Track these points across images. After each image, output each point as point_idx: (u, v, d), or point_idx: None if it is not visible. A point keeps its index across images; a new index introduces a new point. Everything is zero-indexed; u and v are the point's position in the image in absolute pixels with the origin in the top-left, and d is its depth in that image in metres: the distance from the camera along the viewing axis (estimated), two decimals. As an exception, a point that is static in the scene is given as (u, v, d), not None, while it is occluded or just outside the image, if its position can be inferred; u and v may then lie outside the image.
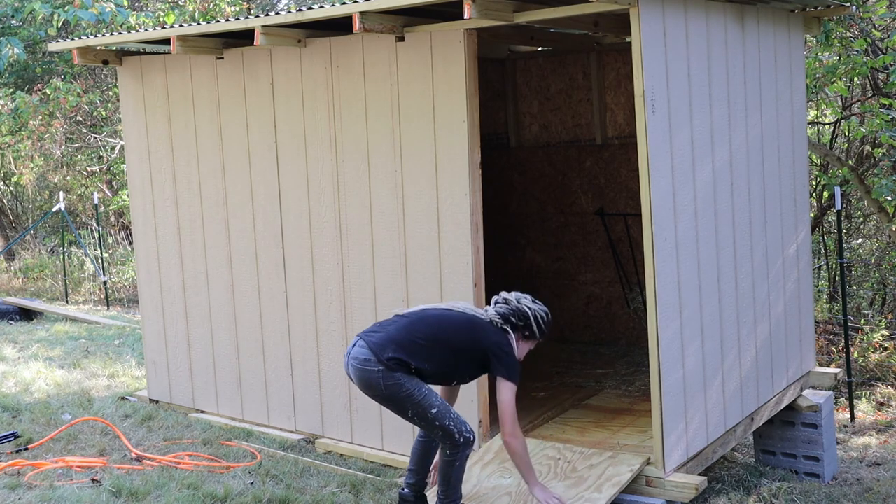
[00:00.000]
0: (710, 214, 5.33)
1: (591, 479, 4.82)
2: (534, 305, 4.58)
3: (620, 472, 4.85)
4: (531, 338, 4.59)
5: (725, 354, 5.49)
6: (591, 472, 4.89)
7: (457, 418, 4.47)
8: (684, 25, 5.07)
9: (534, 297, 4.67)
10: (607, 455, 5.04)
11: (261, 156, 6.35)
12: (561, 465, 5.02)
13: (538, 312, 4.56)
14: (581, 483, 4.81)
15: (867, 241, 12.57)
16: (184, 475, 5.62)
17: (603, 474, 4.85)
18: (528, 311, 4.53)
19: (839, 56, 9.04)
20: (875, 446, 7.09)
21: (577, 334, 8.29)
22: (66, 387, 7.94)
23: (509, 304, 4.57)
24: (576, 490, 4.75)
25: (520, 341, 4.56)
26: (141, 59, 6.99)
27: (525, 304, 4.56)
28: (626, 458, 4.99)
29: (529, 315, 4.53)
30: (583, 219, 8.19)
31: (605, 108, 7.99)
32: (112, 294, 14.10)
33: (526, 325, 4.54)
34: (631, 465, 4.90)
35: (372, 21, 5.20)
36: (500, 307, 4.58)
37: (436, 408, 4.42)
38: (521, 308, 4.54)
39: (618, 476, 4.80)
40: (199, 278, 6.85)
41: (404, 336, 4.49)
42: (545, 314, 4.60)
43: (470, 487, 4.93)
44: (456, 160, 5.39)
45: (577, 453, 5.10)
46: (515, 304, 4.56)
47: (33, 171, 16.62)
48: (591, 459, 5.02)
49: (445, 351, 4.48)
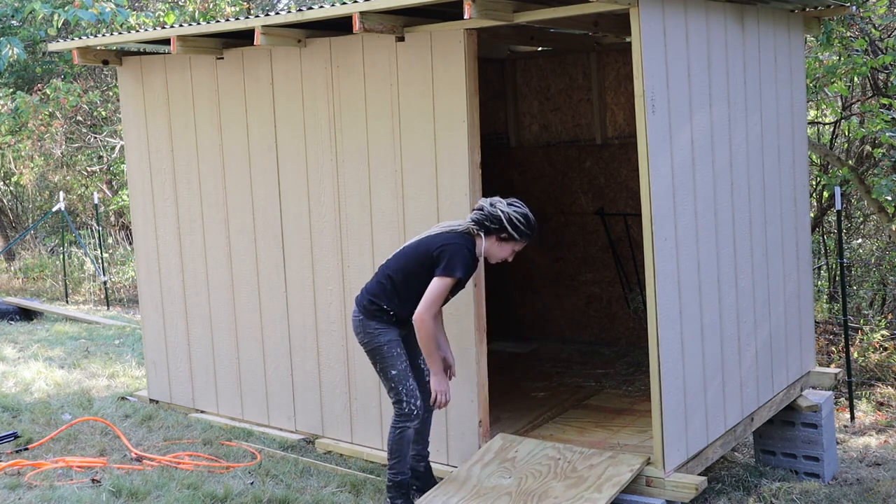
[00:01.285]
0: (710, 214, 5.33)
1: (591, 479, 4.83)
2: (507, 208, 4.76)
3: (620, 472, 4.85)
4: (510, 239, 4.79)
5: (725, 354, 5.49)
6: (591, 473, 4.89)
7: (411, 390, 4.84)
8: (684, 25, 5.07)
9: (516, 201, 4.84)
10: (607, 455, 5.05)
11: (261, 156, 6.35)
12: (561, 465, 5.02)
13: (511, 214, 4.75)
14: (581, 483, 4.82)
15: (867, 241, 12.56)
16: (184, 475, 5.62)
17: (603, 474, 4.85)
18: (501, 214, 4.73)
19: (839, 56, 9.04)
20: (875, 446, 7.09)
21: (577, 334, 8.29)
22: (66, 387, 7.95)
23: (483, 210, 4.78)
24: (576, 490, 4.76)
25: (501, 243, 4.80)
26: (141, 59, 6.99)
27: (499, 208, 4.76)
28: (626, 458, 5.00)
29: (503, 217, 4.73)
30: (583, 219, 8.19)
31: (605, 108, 7.99)
32: (112, 294, 14.10)
33: (501, 228, 4.75)
34: (631, 465, 4.90)
35: (372, 21, 5.20)
36: (474, 214, 4.82)
37: (397, 370, 4.84)
38: (494, 212, 4.75)
39: (618, 476, 4.81)
40: (199, 278, 6.85)
41: (374, 282, 4.93)
42: (521, 215, 4.77)
43: (470, 487, 4.93)
44: (456, 160, 5.39)
45: (577, 453, 5.11)
46: (489, 209, 4.77)
47: (33, 171, 16.62)
48: (591, 459, 5.03)
49: (406, 280, 4.80)
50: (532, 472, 5.00)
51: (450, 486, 5.00)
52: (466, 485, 4.96)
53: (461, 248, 4.70)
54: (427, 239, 4.85)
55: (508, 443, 5.34)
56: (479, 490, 4.90)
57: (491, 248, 4.81)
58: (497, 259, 4.87)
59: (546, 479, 4.90)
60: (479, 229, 4.78)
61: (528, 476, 4.96)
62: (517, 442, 5.34)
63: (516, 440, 5.36)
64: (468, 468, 5.14)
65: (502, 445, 5.31)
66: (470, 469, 5.12)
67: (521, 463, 5.10)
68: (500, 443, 5.35)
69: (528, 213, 4.80)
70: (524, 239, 4.81)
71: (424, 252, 4.79)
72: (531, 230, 4.80)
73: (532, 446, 5.25)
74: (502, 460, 5.16)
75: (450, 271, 4.64)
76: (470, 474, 5.05)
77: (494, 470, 5.09)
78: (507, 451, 5.25)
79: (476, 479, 5.01)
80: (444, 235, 4.81)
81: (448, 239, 4.77)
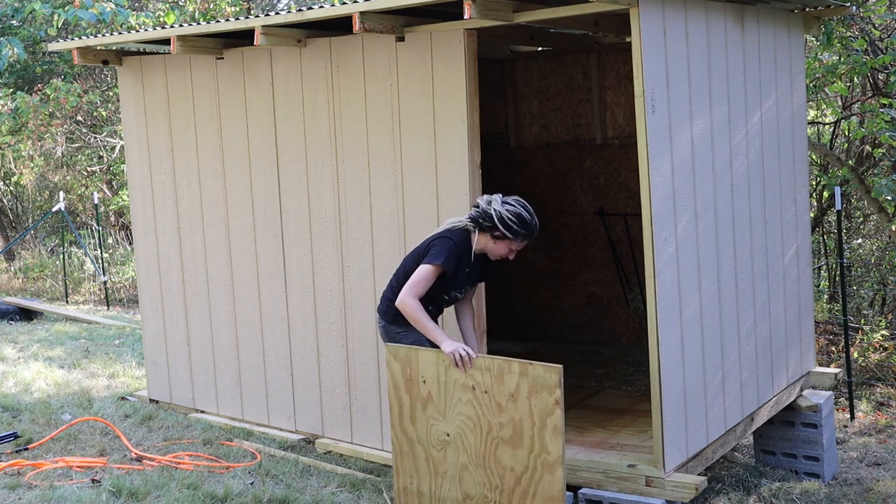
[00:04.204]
0: (710, 214, 5.33)
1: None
2: (500, 207, 4.78)
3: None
4: (503, 237, 4.79)
5: (725, 354, 5.49)
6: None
7: None
8: (684, 25, 5.07)
9: (515, 200, 4.84)
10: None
11: (261, 156, 6.35)
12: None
13: (503, 213, 4.76)
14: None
15: (867, 241, 12.55)
16: (184, 475, 5.62)
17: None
18: (494, 213, 4.76)
19: (839, 56, 9.04)
20: (875, 446, 7.09)
21: (577, 334, 8.29)
22: (66, 387, 7.95)
23: (479, 207, 4.84)
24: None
25: (496, 241, 4.81)
26: (141, 59, 6.99)
27: (493, 206, 4.78)
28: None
29: (494, 216, 4.75)
30: (583, 219, 8.19)
31: (605, 108, 7.99)
32: (112, 294, 14.10)
33: (493, 226, 4.77)
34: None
35: (372, 21, 5.20)
36: (472, 211, 4.88)
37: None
38: (488, 210, 4.79)
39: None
40: (199, 278, 6.85)
41: (388, 287, 5.02)
42: (514, 214, 4.77)
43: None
44: (456, 160, 5.39)
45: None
46: (483, 206, 4.81)
47: (33, 171, 16.62)
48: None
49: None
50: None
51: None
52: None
53: (448, 241, 4.79)
54: (423, 242, 4.95)
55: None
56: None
57: (487, 245, 4.86)
58: (496, 256, 4.91)
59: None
60: (475, 226, 4.84)
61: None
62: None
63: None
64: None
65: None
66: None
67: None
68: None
69: (523, 213, 4.79)
70: (518, 238, 4.81)
71: (422, 250, 4.88)
72: (526, 229, 4.79)
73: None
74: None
75: (432, 258, 4.74)
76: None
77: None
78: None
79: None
80: (441, 232, 4.91)
81: (441, 234, 4.88)
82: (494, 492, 4.57)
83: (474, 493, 4.63)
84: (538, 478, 4.44)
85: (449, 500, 4.70)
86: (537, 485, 4.45)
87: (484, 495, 4.60)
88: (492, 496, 4.58)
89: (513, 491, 4.52)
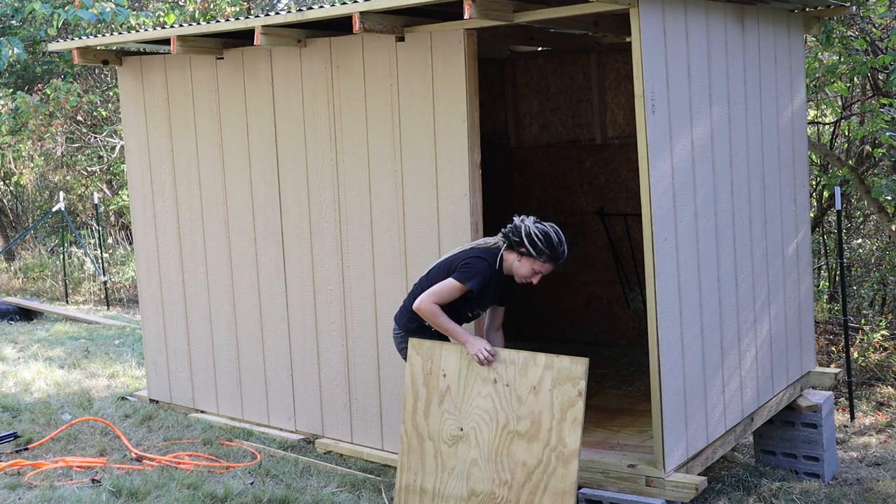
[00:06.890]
0: (710, 214, 5.33)
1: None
2: (532, 225, 4.76)
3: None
4: (528, 255, 4.75)
5: (725, 354, 5.49)
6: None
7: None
8: (684, 25, 5.07)
9: (548, 224, 4.82)
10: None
11: (261, 156, 6.35)
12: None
13: (532, 229, 4.74)
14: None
15: (867, 241, 12.55)
16: (184, 475, 5.62)
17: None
18: (523, 227, 4.75)
19: (839, 56, 9.04)
20: (875, 446, 7.09)
21: (577, 334, 8.29)
22: (66, 387, 7.95)
23: (513, 223, 4.83)
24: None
25: (521, 259, 4.77)
26: (141, 59, 6.99)
27: (525, 223, 4.78)
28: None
29: (522, 230, 4.74)
30: (583, 219, 8.19)
31: (605, 108, 7.99)
32: (112, 294, 14.10)
33: (520, 241, 4.74)
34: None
35: (372, 21, 5.20)
36: (506, 227, 4.84)
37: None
38: (519, 224, 4.78)
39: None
40: (199, 278, 6.85)
41: (410, 299, 4.94)
42: (541, 232, 4.73)
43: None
44: (456, 160, 5.39)
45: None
46: (516, 222, 4.80)
47: (33, 171, 16.61)
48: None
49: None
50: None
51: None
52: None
53: (483, 263, 4.76)
54: (455, 254, 4.92)
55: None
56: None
57: (513, 264, 4.80)
58: (520, 277, 4.82)
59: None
60: (505, 241, 4.81)
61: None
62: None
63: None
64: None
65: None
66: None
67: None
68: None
69: (551, 234, 4.74)
70: (542, 258, 4.74)
71: (454, 262, 4.84)
72: (551, 250, 4.73)
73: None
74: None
75: (463, 278, 4.71)
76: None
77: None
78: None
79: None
80: (472, 250, 4.89)
81: (474, 253, 4.84)
82: (503, 487, 4.59)
83: (481, 489, 4.65)
84: (551, 471, 4.48)
85: (452, 498, 4.70)
86: (549, 479, 4.49)
87: (491, 491, 4.61)
88: (500, 492, 4.59)
89: (522, 486, 4.55)
